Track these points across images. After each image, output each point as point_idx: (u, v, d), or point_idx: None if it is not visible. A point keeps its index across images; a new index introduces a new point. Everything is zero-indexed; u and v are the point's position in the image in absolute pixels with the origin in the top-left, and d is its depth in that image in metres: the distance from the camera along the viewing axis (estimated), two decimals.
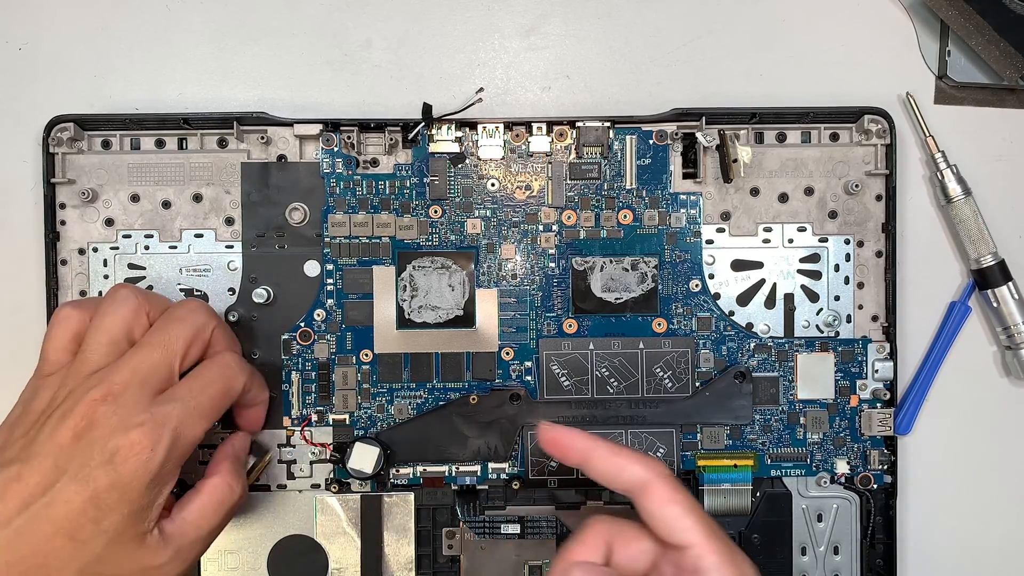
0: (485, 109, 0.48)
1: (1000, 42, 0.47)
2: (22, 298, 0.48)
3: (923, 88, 0.49)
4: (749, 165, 0.46)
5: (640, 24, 0.49)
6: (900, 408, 0.49)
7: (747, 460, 0.47)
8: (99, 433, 0.36)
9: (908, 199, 0.49)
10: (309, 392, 0.47)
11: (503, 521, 0.47)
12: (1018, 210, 0.50)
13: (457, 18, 0.49)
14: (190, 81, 0.49)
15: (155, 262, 0.47)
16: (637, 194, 0.47)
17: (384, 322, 0.47)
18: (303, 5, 0.49)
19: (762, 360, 0.47)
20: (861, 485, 0.47)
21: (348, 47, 0.49)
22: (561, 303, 0.47)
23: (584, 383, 0.47)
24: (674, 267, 0.47)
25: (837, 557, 0.48)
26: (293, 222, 0.47)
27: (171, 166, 0.47)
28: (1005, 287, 0.48)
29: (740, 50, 0.49)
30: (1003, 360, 0.49)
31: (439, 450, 0.47)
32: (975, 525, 0.49)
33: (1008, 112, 0.49)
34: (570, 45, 0.49)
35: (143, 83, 0.49)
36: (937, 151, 0.48)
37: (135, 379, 0.38)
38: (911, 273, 0.49)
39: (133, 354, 0.39)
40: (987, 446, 0.50)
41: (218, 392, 0.40)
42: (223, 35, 0.49)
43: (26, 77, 0.48)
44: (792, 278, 0.48)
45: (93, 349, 0.39)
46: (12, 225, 0.48)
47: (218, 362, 0.41)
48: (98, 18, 0.48)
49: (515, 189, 0.47)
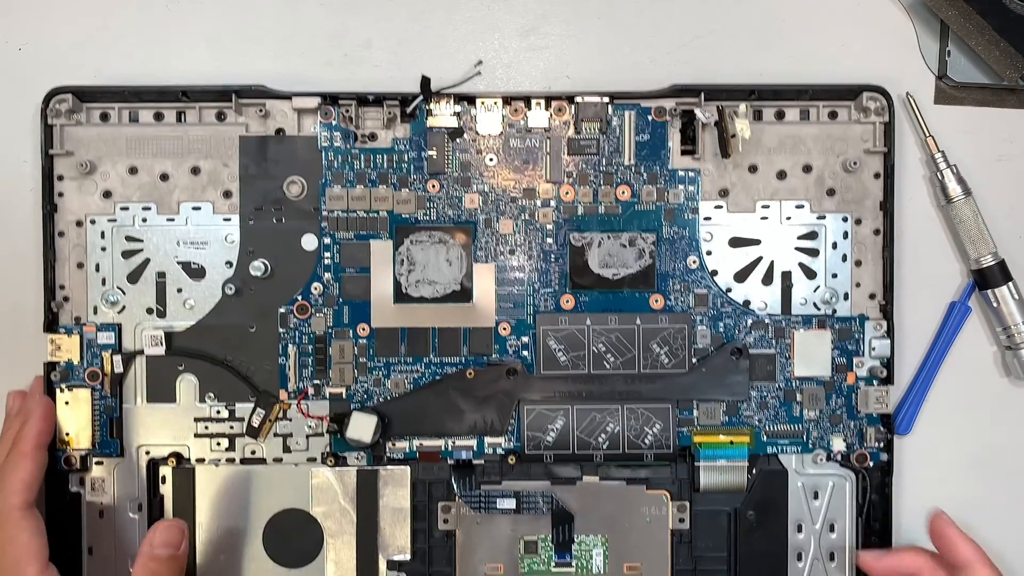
0: (484, 85, 0.48)
1: (1000, 42, 0.47)
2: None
3: (923, 88, 0.49)
4: (747, 141, 0.46)
5: (641, 24, 0.49)
6: (900, 408, 0.49)
7: (743, 437, 0.47)
8: None
9: (908, 199, 0.49)
10: (306, 366, 0.47)
11: (499, 496, 0.47)
12: (1018, 210, 0.49)
13: (457, 18, 0.49)
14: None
15: (152, 234, 0.47)
16: (635, 170, 0.47)
17: (381, 296, 0.47)
18: (303, 5, 0.49)
19: (759, 337, 0.47)
20: (857, 463, 0.47)
21: (348, 47, 0.49)
22: (559, 279, 0.47)
23: (581, 358, 0.47)
24: (672, 243, 0.47)
25: (833, 534, 0.48)
26: (291, 196, 0.47)
27: (169, 139, 0.47)
28: (1005, 287, 0.48)
29: (740, 51, 0.49)
30: (1003, 360, 0.49)
31: (436, 424, 0.47)
32: (975, 525, 0.49)
33: (1008, 112, 0.49)
34: (570, 45, 0.49)
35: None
36: (937, 151, 0.48)
37: None
38: (911, 273, 0.49)
39: None
40: (987, 446, 0.50)
41: None
42: (223, 35, 0.49)
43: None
44: (790, 255, 0.48)
45: None
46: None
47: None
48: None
49: (513, 164, 0.47)
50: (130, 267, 0.47)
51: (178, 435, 0.47)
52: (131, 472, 0.47)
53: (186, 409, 0.47)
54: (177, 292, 0.47)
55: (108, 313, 0.47)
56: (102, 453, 0.47)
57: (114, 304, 0.47)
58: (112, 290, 0.47)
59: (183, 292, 0.47)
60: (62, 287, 0.47)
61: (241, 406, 0.47)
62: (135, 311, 0.47)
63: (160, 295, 0.47)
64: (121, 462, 0.47)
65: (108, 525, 0.47)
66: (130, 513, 0.47)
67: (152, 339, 0.46)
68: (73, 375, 0.47)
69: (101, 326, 0.47)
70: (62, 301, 0.47)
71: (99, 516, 0.47)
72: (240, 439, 0.47)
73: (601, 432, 0.47)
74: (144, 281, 0.47)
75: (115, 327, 0.47)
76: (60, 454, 0.46)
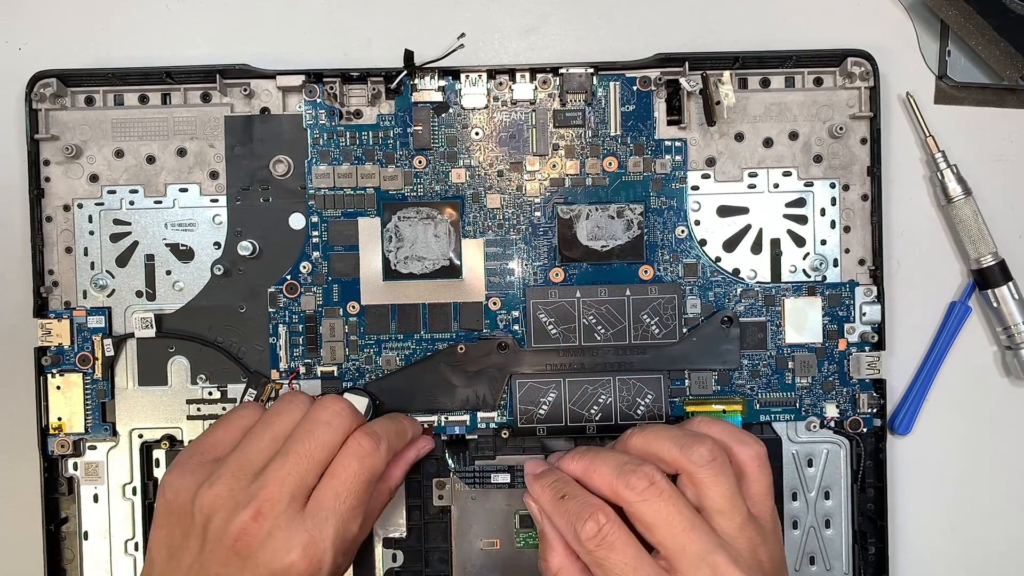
0: (469, 59, 0.48)
1: (1000, 42, 0.47)
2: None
3: (923, 88, 0.49)
4: (733, 108, 0.46)
5: (641, 24, 0.49)
6: (900, 408, 0.49)
7: (736, 406, 0.47)
8: (260, 557, 0.37)
9: (908, 199, 0.49)
10: (296, 345, 0.47)
11: (493, 471, 0.47)
12: (1018, 210, 0.49)
13: (457, 18, 0.49)
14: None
15: (140, 217, 0.47)
16: (622, 141, 0.47)
17: (370, 273, 0.47)
18: (304, 5, 0.49)
19: (749, 305, 0.47)
20: (851, 429, 0.47)
21: (348, 47, 0.49)
22: (547, 252, 0.47)
23: (571, 331, 0.47)
24: (660, 214, 0.47)
25: (828, 502, 0.48)
26: (277, 175, 0.47)
27: (155, 121, 0.47)
28: (1005, 287, 0.48)
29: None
30: (1003, 360, 0.49)
31: (428, 400, 0.47)
32: (974, 525, 0.49)
33: (1008, 112, 0.49)
34: (570, 45, 0.49)
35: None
36: (937, 151, 0.48)
37: (283, 493, 0.38)
38: (911, 272, 0.49)
39: (280, 464, 0.38)
40: (987, 446, 0.50)
41: (363, 485, 0.40)
42: (222, 35, 0.49)
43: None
44: (778, 223, 0.47)
45: (254, 445, 0.39)
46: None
47: (355, 452, 0.40)
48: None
49: (499, 138, 0.47)
50: (118, 250, 0.47)
51: (171, 417, 0.47)
52: (124, 455, 0.47)
53: (178, 391, 0.47)
54: (166, 274, 0.47)
55: (98, 297, 0.47)
56: (95, 437, 0.47)
57: (103, 288, 0.47)
58: (101, 274, 0.47)
59: (172, 274, 0.47)
60: (51, 272, 0.47)
61: (233, 387, 0.47)
62: (124, 294, 0.47)
63: (149, 278, 0.47)
64: (114, 446, 0.47)
65: (103, 509, 0.47)
66: (124, 497, 0.47)
67: (142, 322, 0.46)
68: (64, 360, 0.46)
69: (91, 310, 0.47)
70: (51, 286, 0.47)
71: (94, 500, 0.47)
72: None
73: (593, 404, 0.47)
74: (133, 264, 0.47)
75: (105, 311, 0.47)
76: (52, 439, 0.46)
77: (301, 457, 0.38)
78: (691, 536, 0.35)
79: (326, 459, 0.39)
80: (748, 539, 0.37)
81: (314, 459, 0.39)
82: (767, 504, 0.39)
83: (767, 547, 0.37)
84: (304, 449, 0.39)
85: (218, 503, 0.38)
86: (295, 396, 0.42)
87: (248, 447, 0.39)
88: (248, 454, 0.39)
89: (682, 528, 0.36)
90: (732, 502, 0.37)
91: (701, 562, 0.35)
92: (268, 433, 0.40)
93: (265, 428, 0.40)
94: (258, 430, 0.40)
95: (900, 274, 0.49)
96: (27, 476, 0.47)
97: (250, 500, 0.37)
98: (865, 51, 0.46)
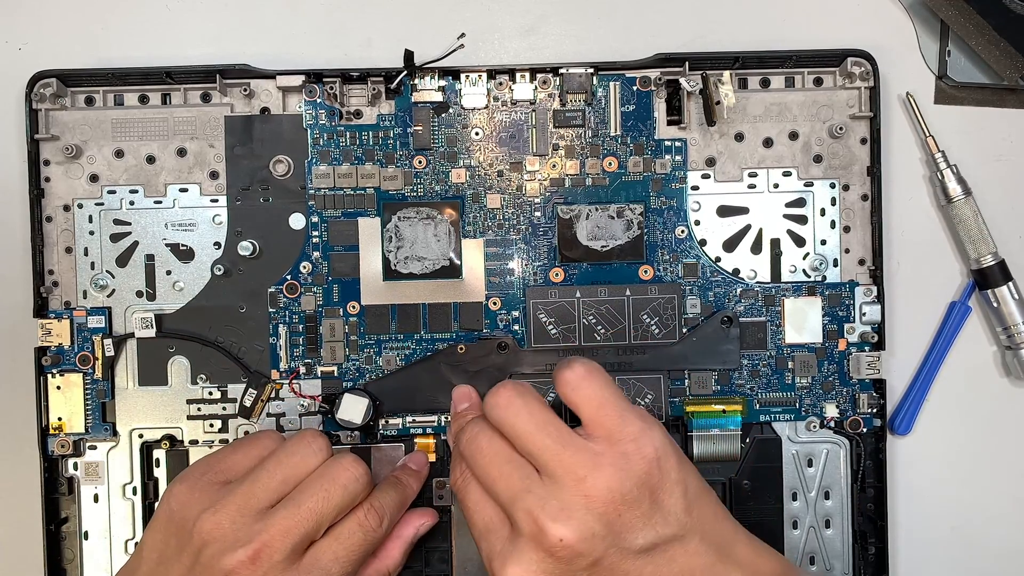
0: (469, 59, 0.48)
1: (1000, 42, 0.47)
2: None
3: (923, 88, 0.49)
4: (733, 108, 0.46)
5: (641, 24, 0.49)
6: (900, 408, 0.49)
7: (736, 406, 0.47)
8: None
9: (908, 199, 0.49)
10: (297, 345, 0.47)
11: None
12: (1018, 210, 0.49)
13: (457, 18, 0.49)
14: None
15: (140, 217, 0.47)
16: (622, 141, 0.47)
17: (370, 274, 0.47)
18: (304, 5, 0.49)
19: (749, 305, 0.47)
20: (851, 429, 0.47)
21: (348, 47, 0.49)
22: (547, 252, 0.47)
23: (571, 331, 0.47)
24: (660, 214, 0.47)
25: (828, 502, 0.48)
26: (277, 175, 0.47)
27: (155, 121, 0.47)
28: (1005, 287, 0.48)
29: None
30: (1003, 360, 0.49)
31: (428, 400, 0.47)
32: (975, 525, 0.49)
33: (1008, 112, 0.49)
34: (570, 45, 0.49)
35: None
36: (937, 151, 0.48)
37: (285, 544, 0.38)
38: (911, 272, 0.49)
39: (291, 514, 0.38)
40: (987, 446, 0.50)
41: (360, 556, 0.40)
42: (222, 35, 0.49)
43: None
44: (778, 223, 0.48)
45: (264, 482, 0.39)
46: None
47: (362, 525, 0.40)
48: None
49: (499, 138, 0.47)
50: (118, 250, 0.47)
51: (171, 417, 0.47)
52: (124, 455, 0.47)
53: (178, 391, 0.47)
54: (166, 274, 0.47)
55: (98, 297, 0.47)
56: (95, 437, 0.47)
57: (103, 288, 0.47)
58: (101, 274, 0.47)
59: (172, 274, 0.47)
60: (51, 272, 0.47)
61: (233, 387, 0.47)
62: (125, 294, 0.47)
63: (149, 278, 0.47)
64: (114, 446, 0.47)
65: (103, 509, 0.47)
66: (125, 496, 0.47)
67: (142, 322, 0.46)
68: (64, 360, 0.46)
69: (91, 310, 0.47)
70: (51, 286, 0.47)
71: (94, 500, 0.47)
72: (233, 420, 0.47)
73: None
74: (133, 264, 0.47)
75: (105, 311, 0.47)
76: (52, 439, 0.46)
77: (312, 514, 0.39)
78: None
79: (334, 520, 0.40)
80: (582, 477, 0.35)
81: (324, 519, 0.39)
82: (606, 418, 0.36)
83: (614, 469, 0.35)
84: (317, 507, 0.39)
85: (217, 533, 0.38)
86: (314, 439, 0.41)
87: (258, 482, 0.39)
88: (256, 490, 0.39)
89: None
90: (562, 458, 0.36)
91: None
92: (280, 473, 0.40)
93: (278, 466, 0.40)
94: (270, 466, 0.40)
95: (900, 274, 0.49)
96: (27, 476, 0.47)
97: (250, 539, 0.37)
98: (865, 51, 0.46)
